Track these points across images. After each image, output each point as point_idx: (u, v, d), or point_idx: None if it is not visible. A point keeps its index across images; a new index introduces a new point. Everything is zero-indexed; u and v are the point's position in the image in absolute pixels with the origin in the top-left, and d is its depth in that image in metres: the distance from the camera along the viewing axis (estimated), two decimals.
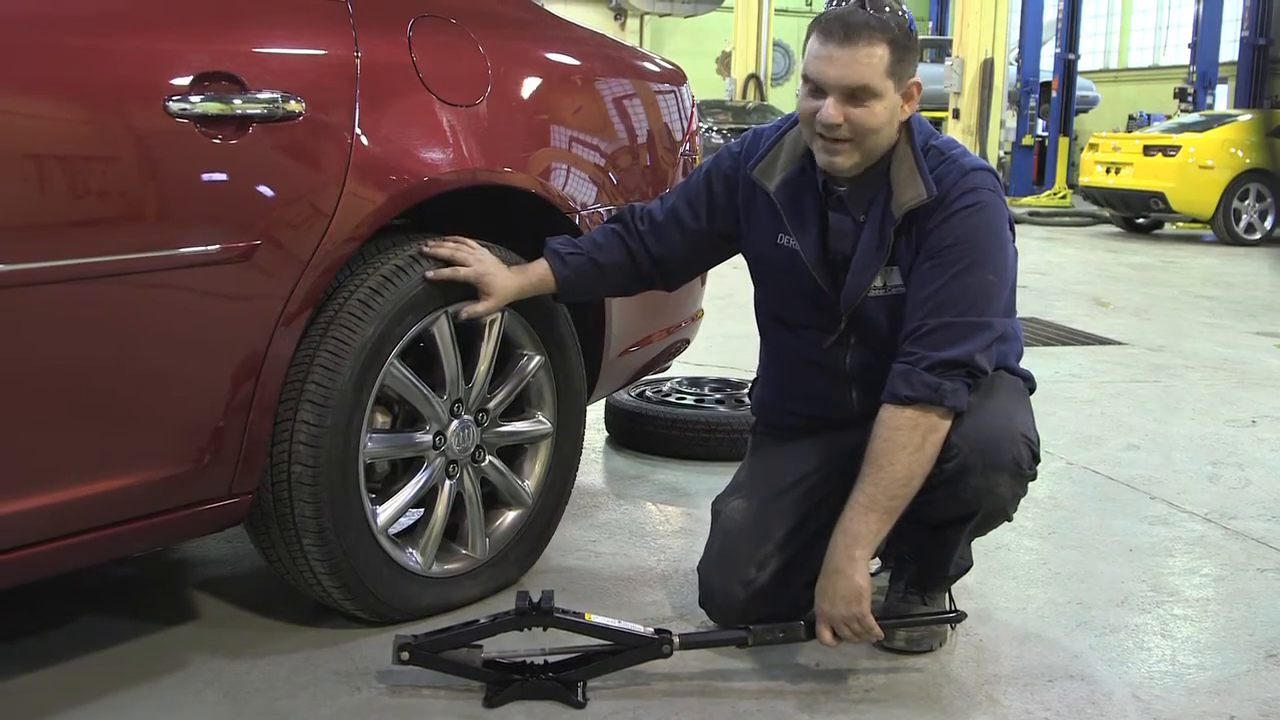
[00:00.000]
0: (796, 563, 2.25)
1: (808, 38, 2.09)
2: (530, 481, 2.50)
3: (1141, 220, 12.59)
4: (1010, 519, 2.24)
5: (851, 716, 2.04)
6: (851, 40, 2.01)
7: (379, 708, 2.01)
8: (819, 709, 2.06)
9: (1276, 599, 2.61)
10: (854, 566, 2.03)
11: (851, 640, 2.09)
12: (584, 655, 2.08)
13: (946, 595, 2.35)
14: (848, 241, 2.18)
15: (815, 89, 2.07)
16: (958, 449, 2.06)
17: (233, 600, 2.40)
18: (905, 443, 2.03)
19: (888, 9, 2.04)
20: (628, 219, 2.37)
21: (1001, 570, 2.71)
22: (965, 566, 2.36)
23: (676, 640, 2.07)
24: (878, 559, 2.61)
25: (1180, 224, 12.71)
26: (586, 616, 2.08)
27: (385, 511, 2.24)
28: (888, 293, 2.15)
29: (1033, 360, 2.34)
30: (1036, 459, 2.15)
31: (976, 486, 2.09)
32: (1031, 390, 2.30)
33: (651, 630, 2.09)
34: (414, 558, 2.29)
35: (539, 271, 2.31)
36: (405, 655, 2.01)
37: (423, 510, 2.33)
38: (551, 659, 2.08)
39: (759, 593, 2.24)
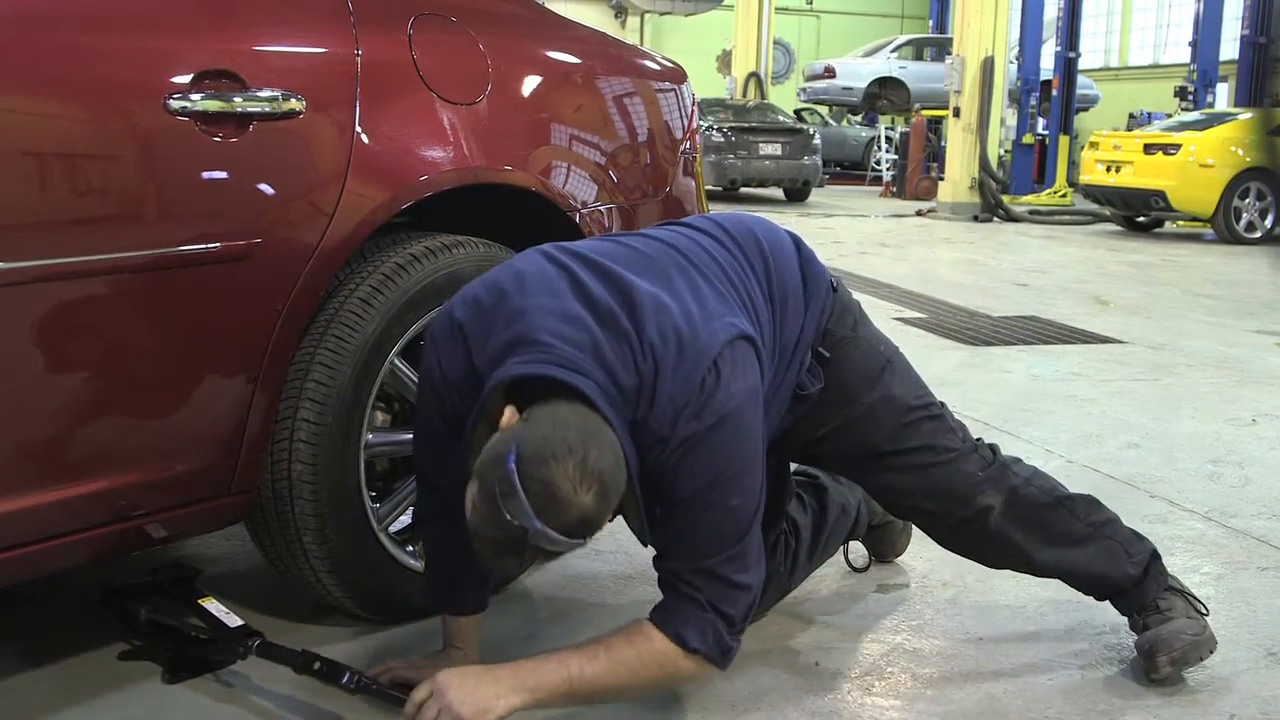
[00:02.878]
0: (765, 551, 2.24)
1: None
2: None
3: (1142, 219, 12.59)
4: (1056, 497, 2.19)
5: (851, 715, 2.04)
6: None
7: (379, 705, 2.01)
8: (819, 705, 2.06)
9: (1276, 598, 2.61)
10: (508, 695, 1.76)
11: None
12: (185, 636, 2.09)
13: (1173, 591, 2.24)
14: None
15: None
16: (941, 525, 2.14)
17: (232, 598, 2.39)
18: (652, 679, 1.83)
19: (564, 535, 1.62)
20: (424, 494, 2.03)
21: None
22: (1142, 563, 2.22)
23: (255, 644, 2.00)
24: (865, 555, 2.64)
25: (1180, 222, 12.71)
26: (203, 600, 2.12)
27: (386, 509, 2.24)
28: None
29: (1034, 359, 2.35)
30: (969, 439, 2.16)
31: (976, 523, 2.14)
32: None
33: (241, 626, 2.05)
34: (415, 555, 2.29)
35: (470, 632, 2.03)
36: (98, 595, 2.19)
37: None
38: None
39: None
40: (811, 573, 2.46)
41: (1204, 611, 2.22)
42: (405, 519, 2.32)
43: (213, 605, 2.11)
